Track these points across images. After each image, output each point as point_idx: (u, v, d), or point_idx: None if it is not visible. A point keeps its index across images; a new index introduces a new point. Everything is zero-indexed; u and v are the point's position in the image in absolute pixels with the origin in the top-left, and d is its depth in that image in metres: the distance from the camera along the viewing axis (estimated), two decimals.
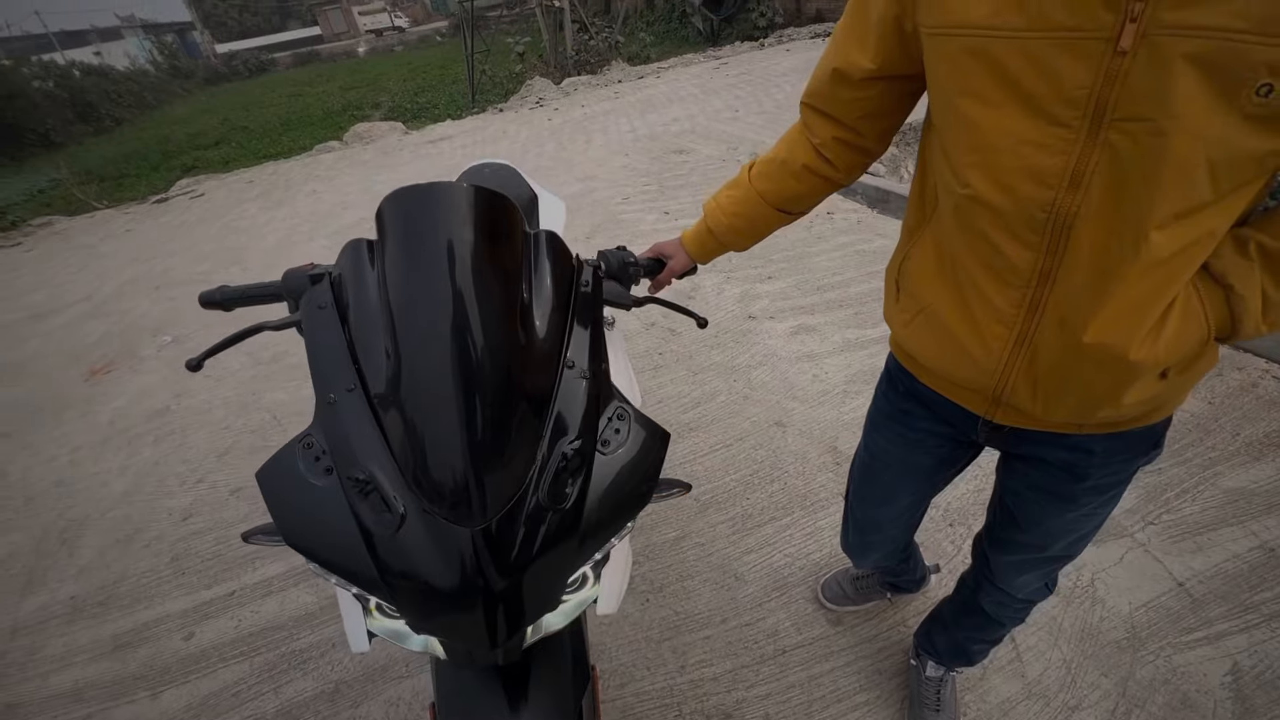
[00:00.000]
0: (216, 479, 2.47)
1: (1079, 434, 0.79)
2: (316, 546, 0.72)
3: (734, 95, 7.36)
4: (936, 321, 0.79)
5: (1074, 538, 0.92)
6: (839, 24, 0.81)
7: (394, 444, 0.70)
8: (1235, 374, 2.18)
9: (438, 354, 0.70)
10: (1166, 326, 0.64)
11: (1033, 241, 0.64)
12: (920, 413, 0.95)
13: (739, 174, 1.02)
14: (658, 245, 1.12)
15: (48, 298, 4.77)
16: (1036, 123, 0.60)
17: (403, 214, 0.76)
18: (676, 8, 19.59)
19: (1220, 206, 0.58)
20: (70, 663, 1.82)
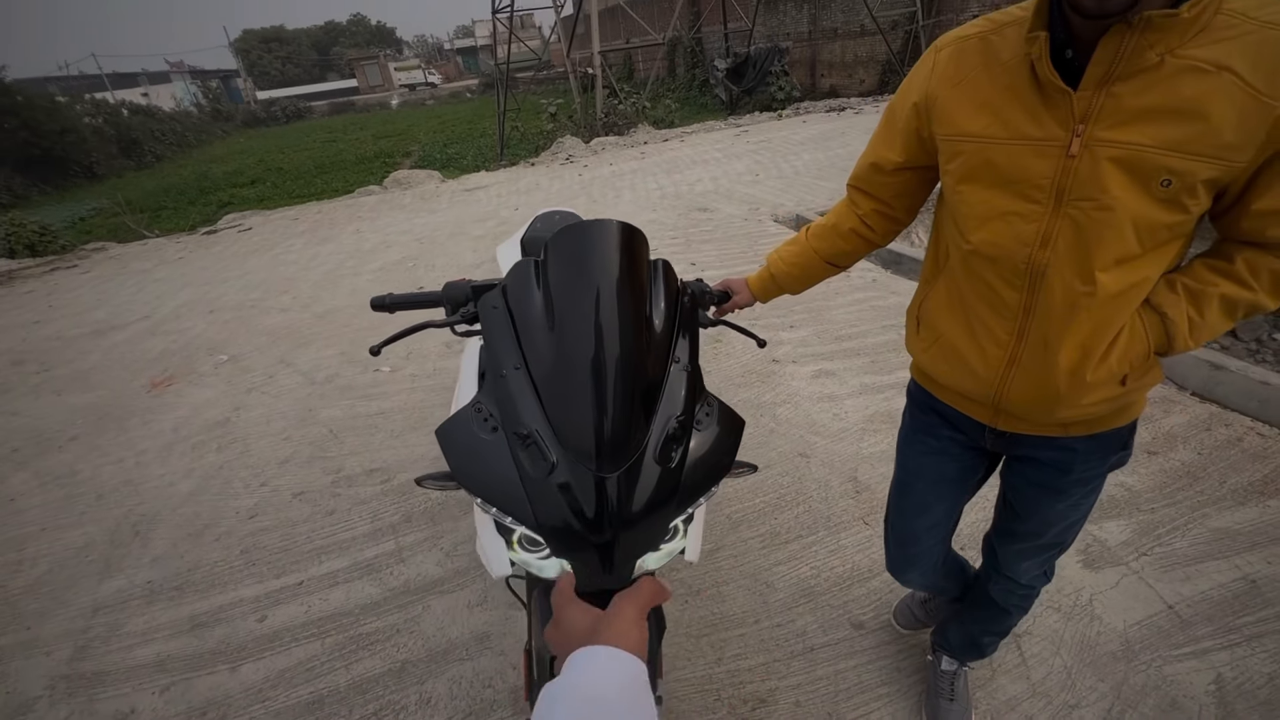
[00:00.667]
0: (279, 483, 2.68)
1: (1064, 436, 1.02)
2: (483, 486, 0.94)
3: (754, 160, 7.86)
4: (949, 346, 1.04)
5: (1064, 525, 1.13)
6: (876, 129, 1.11)
7: (549, 409, 0.93)
8: (1223, 429, 2.38)
9: (588, 343, 0.94)
10: (1115, 348, 0.88)
11: (1018, 284, 0.90)
12: (939, 424, 1.17)
13: (798, 234, 1.31)
14: (726, 281, 1.38)
15: (108, 315, 5.08)
16: (1017, 201, 0.87)
17: (570, 240, 1.02)
18: (699, 77, 20.77)
19: (1149, 258, 0.84)
20: (151, 639, 1.99)
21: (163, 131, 30.59)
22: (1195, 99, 0.73)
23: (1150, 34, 0.73)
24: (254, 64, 61.99)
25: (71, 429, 3.37)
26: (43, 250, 8.25)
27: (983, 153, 0.88)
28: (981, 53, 0.89)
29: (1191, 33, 0.73)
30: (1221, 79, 0.72)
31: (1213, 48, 0.72)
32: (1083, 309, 0.86)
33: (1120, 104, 0.77)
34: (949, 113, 0.92)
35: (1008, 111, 0.85)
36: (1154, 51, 0.74)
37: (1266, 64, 0.71)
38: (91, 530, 2.54)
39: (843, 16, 17.10)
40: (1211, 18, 0.72)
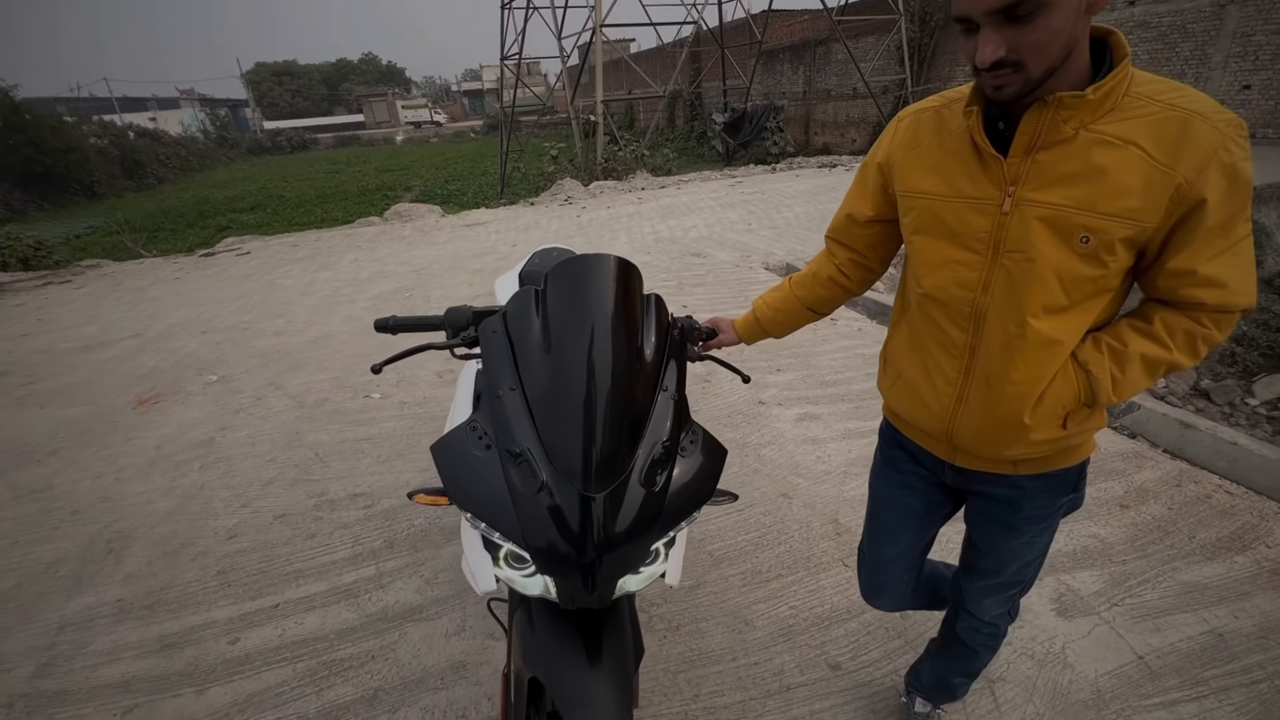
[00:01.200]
0: (261, 505, 2.66)
1: (1014, 474, 1.09)
2: (474, 502, 0.97)
3: (748, 210, 8.10)
4: (908, 384, 1.13)
5: (1021, 563, 1.18)
6: (851, 185, 1.22)
7: (541, 429, 0.98)
8: (1192, 486, 2.45)
9: (582, 369, 0.99)
10: (1049, 394, 0.96)
11: (963, 325, 1.00)
12: (904, 459, 1.25)
13: (782, 282, 1.40)
14: (714, 319, 1.45)
15: (99, 331, 5.07)
16: (961, 251, 0.98)
17: (569, 272, 1.09)
18: (698, 129, 21.49)
19: (1077, 310, 0.93)
20: (118, 658, 1.94)
21: (167, 155, 30.97)
22: (1106, 167, 0.84)
23: (1063, 111, 0.84)
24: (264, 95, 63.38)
25: (52, 443, 3.33)
26: (37, 265, 8.24)
27: (932, 208, 1.00)
28: (934, 123, 1.02)
29: (1102, 111, 0.84)
30: (1129, 151, 0.83)
31: (1121, 124, 0.84)
32: (1017, 351, 0.95)
33: (1044, 169, 0.88)
34: (905, 173, 1.05)
35: (952, 173, 0.97)
36: (1069, 125, 0.85)
37: (1168, 140, 0.82)
38: (64, 546, 2.50)
39: (836, 79, 17.92)
40: (1120, 99, 0.84)
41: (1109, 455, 2.66)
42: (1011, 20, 0.77)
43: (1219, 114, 0.82)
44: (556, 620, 1.06)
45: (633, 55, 29.07)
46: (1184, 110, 0.82)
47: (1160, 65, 10.33)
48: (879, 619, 1.88)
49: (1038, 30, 0.77)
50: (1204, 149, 0.81)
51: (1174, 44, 10.10)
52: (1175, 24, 10.01)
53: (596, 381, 0.99)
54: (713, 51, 20.60)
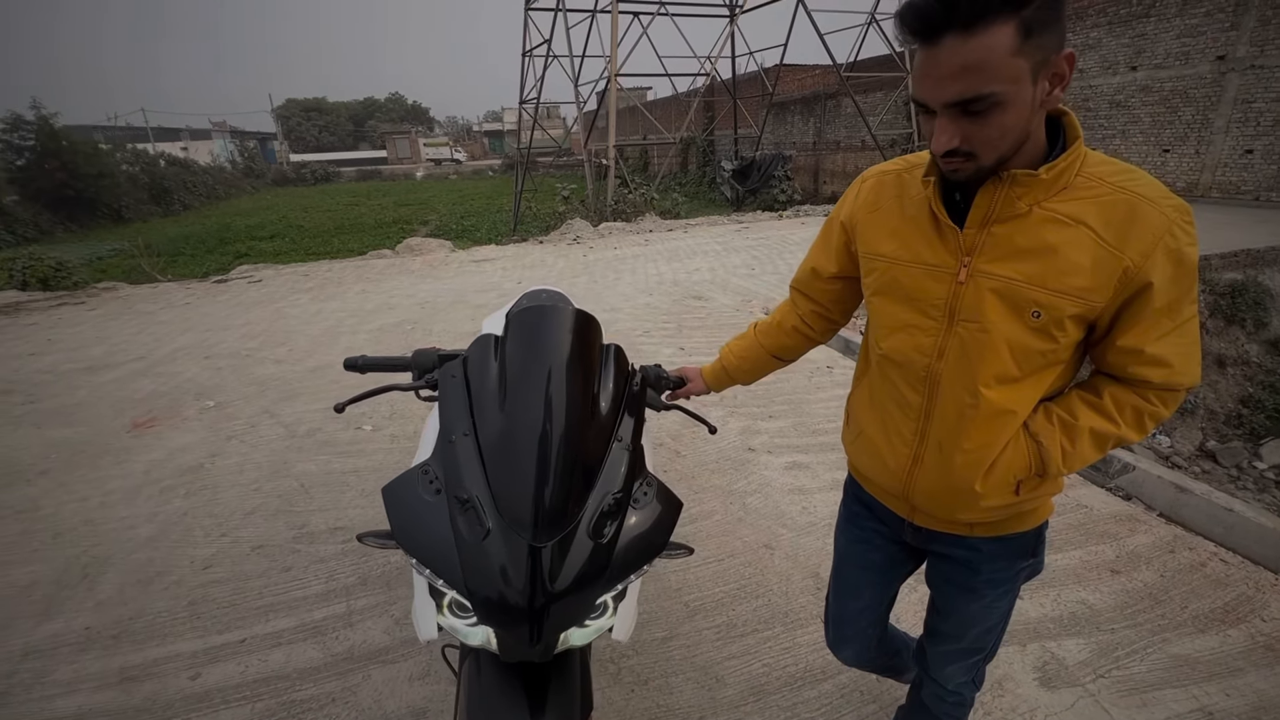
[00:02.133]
0: (240, 534, 2.64)
1: (970, 536, 1.09)
2: (420, 547, 0.97)
3: (752, 255, 8.21)
4: (868, 441, 1.13)
5: (982, 628, 1.16)
6: (815, 240, 1.23)
7: (491, 476, 0.98)
8: (1187, 553, 2.39)
9: (533, 419, 1.00)
10: (1000, 462, 0.96)
11: (918, 389, 1.01)
12: (866, 515, 1.24)
13: (747, 330, 1.41)
14: (683, 369, 1.46)
15: (104, 353, 5.15)
16: (918, 316, 0.99)
17: (526, 321, 1.11)
18: (707, 175, 21.96)
19: (1028, 382, 0.94)
20: (76, 689, 1.91)
21: (194, 183, 31.97)
22: (1057, 245, 0.85)
23: (1017, 188, 0.86)
24: (292, 129, 65.67)
25: (44, 463, 3.35)
26: (55, 285, 8.44)
27: (891, 271, 1.01)
28: (896, 186, 1.03)
29: (1055, 189, 0.86)
30: (1079, 230, 0.84)
31: (1073, 204, 0.85)
32: (969, 419, 0.96)
33: (998, 242, 0.89)
34: (866, 234, 1.06)
35: (911, 238, 0.98)
36: (1023, 202, 0.87)
37: (1116, 222, 0.83)
38: (40, 569, 2.48)
39: (845, 131, 18.36)
40: (1072, 179, 0.86)
41: (1101, 517, 2.61)
42: (966, 114, 0.78)
43: (1166, 199, 0.84)
44: (502, 672, 1.04)
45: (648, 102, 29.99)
46: (1133, 194, 0.84)
47: (1162, 129, 10.52)
48: (854, 681, 1.82)
49: (991, 126, 0.79)
50: (1151, 233, 0.82)
51: (1176, 109, 10.29)
52: (1177, 89, 10.23)
53: (549, 430, 0.99)
54: (725, 101, 21.24)
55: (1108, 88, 11.23)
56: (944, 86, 0.77)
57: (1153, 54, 10.49)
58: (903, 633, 1.50)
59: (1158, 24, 10.31)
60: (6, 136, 23.02)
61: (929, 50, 0.77)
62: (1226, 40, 9.51)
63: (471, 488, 0.97)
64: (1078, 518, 2.61)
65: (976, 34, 0.73)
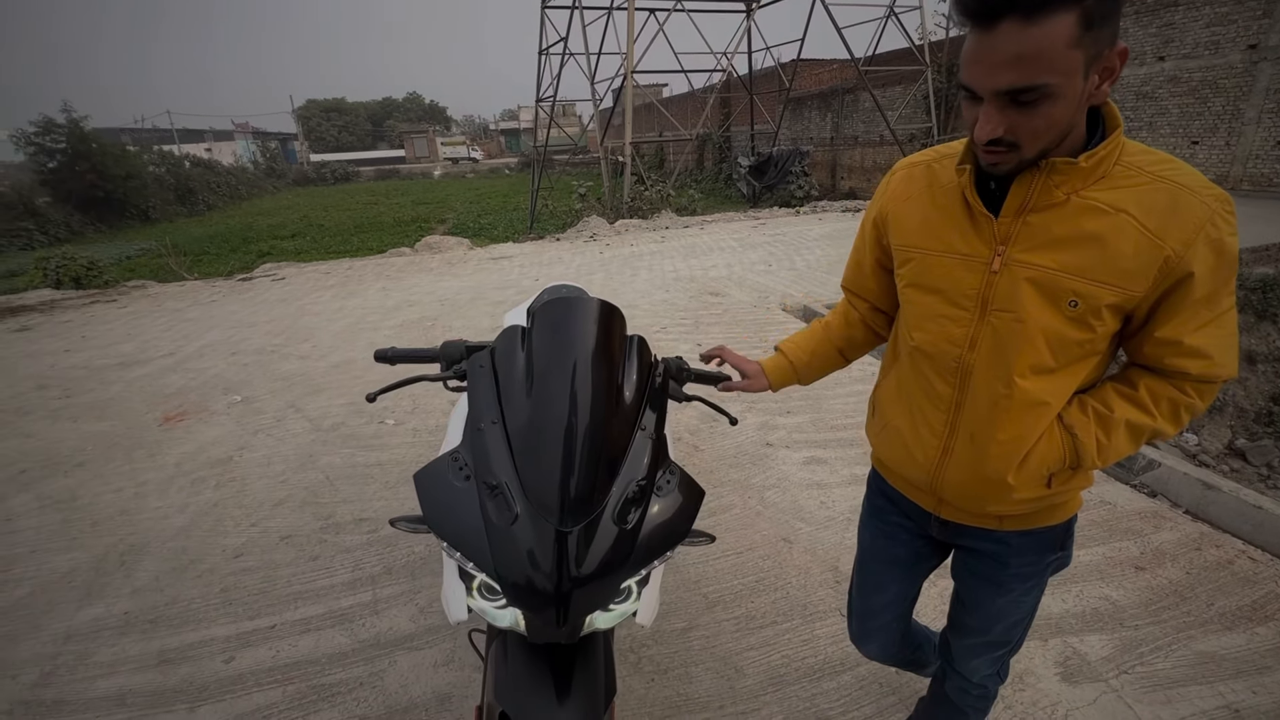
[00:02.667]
0: (269, 525, 2.71)
1: (999, 530, 1.08)
2: (451, 531, 1.00)
3: (768, 252, 8.18)
4: (895, 433, 1.12)
5: (1009, 623, 1.15)
6: (856, 238, 1.22)
7: (519, 463, 1.01)
8: (1214, 550, 2.36)
9: (560, 408, 1.02)
10: (1033, 455, 0.96)
11: (950, 380, 1.00)
12: (891, 509, 1.24)
13: (811, 326, 1.36)
14: (738, 361, 1.34)
15: (135, 349, 5.29)
16: (950, 306, 0.98)
17: (553, 312, 1.13)
18: (724, 171, 21.87)
19: (1064, 373, 0.93)
20: (117, 670, 1.98)
21: (218, 183, 32.60)
22: (1096, 234, 0.84)
23: (1056, 176, 0.85)
24: (312, 130, 66.57)
25: (80, 455, 3.46)
26: (87, 284, 8.68)
27: (924, 261, 1.01)
28: (926, 177, 1.02)
29: (1093, 178, 0.85)
30: (1119, 219, 0.84)
31: (1112, 192, 0.84)
32: (1002, 410, 0.95)
33: (1034, 232, 0.88)
34: (897, 226, 1.06)
35: (943, 229, 0.98)
36: (1061, 190, 0.86)
37: (1157, 211, 0.83)
38: (80, 556, 2.57)
39: (864, 126, 18.18)
40: (1111, 167, 0.85)
41: (1125, 514, 2.58)
42: (1015, 103, 0.77)
43: (1207, 189, 0.83)
44: (529, 654, 1.07)
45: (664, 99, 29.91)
46: (1173, 183, 0.83)
47: (1192, 120, 10.28)
48: (873, 673, 1.82)
49: (1038, 118, 0.78)
50: (1193, 222, 0.81)
51: (1205, 99, 10.05)
52: (1206, 80, 9.99)
53: (574, 419, 1.02)
54: (742, 97, 21.12)
55: (1134, 79, 10.99)
56: (997, 74, 0.75)
57: (1181, 44, 10.25)
58: (924, 627, 1.50)
59: (1186, 13, 10.07)
60: (39, 140, 23.62)
61: (984, 34, 0.74)
62: (1259, 28, 9.26)
63: (500, 474, 1.00)
64: (1101, 514, 2.58)
65: (1038, 22, 0.70)
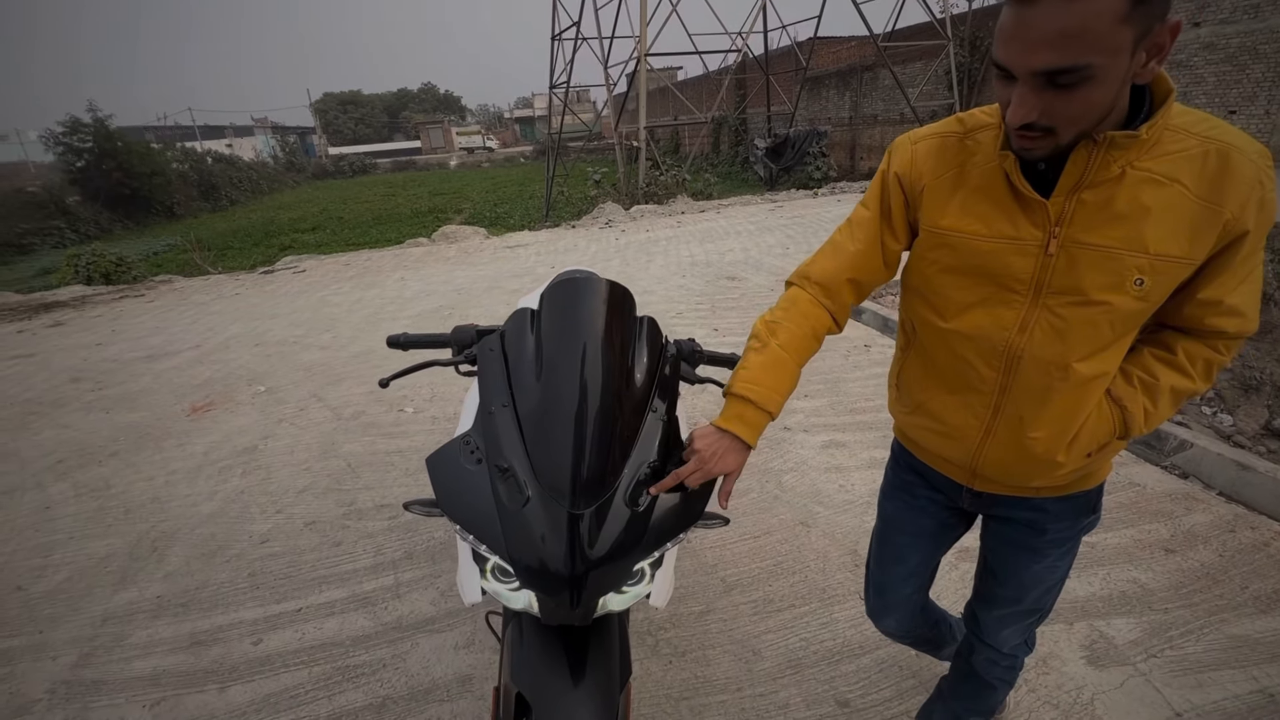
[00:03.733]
0: (294, 511, 2.77)
1: (1036, 497, 1.07)
2: (463, 515, 1.01)
3: (786, 235, 8.07)
4: (928, 414, 1.09)
5: (1042, 589, 1.15)
6: (856, 223, 1.09)
7: (529, 445, 1.01)
8: (1248, 532, 2.29)
9: (569, 389, 1.02)
10: (1084, 432, 0.95)
11: (995, 364, 0.96)
12: (919, 483, 1.22)
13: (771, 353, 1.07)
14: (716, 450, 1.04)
15: (164, 342, 5.42)
16: (1000, 290, 0.92)
17: (561, 294, 1.12)
18: (740, 154, 21.59)
19: (1117, 346, 0.92)
20: (151, 652, 2.05)
21: (240, 179, 33.08)
22: (1154, 206, 0.81)
23: (1114, 151, 0.80)
24: (330, 123, 67.13)
25: (114, 445, 3.56)
26: (117, 279, 8.90)
27: (967, 245, 0.93)
28: (958, 153, 0.94)
29: (1146, 148, 0.80)
30: (1174, 189, 0.80)
31: (1163, 160, 0.81)
32: (1057, 392, 0.93)
33: (1090, 210, 0.84)
34: (932, 205, 0.96)
35: (985, 212, 0.91)
36: (1116, 165, 0.81)
37: (1210, 175, 0.80)
38: (115, 542, 2.66)
39: (883, 104, 17.78)
40: (1160, 134, 0.81)
41: (1155, 495, 2.51)
42: (1052, 85, 0.72)
43: (1252, 145, 0.81)
44: (544, 636, 1.07)
45: (679, 82, 29.56)
46: (1222, 143, 0.80)
47: (1229, 88, 9.87)
48: (892, 656, 1.81)
49: (1076, 101, 0.73)
50: (1245, 184, 0.79)
51: (1244, 66, 9.64)
52: (1245, 45, 9.57)
53: (585, 400, 1.01)
54: (758, 78, 20.77)
55: None
56: (1035, 52, 0.70)
57: (1218, 8, 9.82)
58: (942, 609, 1.48)
59: None
60: (67, 140, 24.15)
61: (1024, 8, 0.69)
62: None
63: (511, 457, 1.00)
64: (1130, 496, 2.52)
65: None
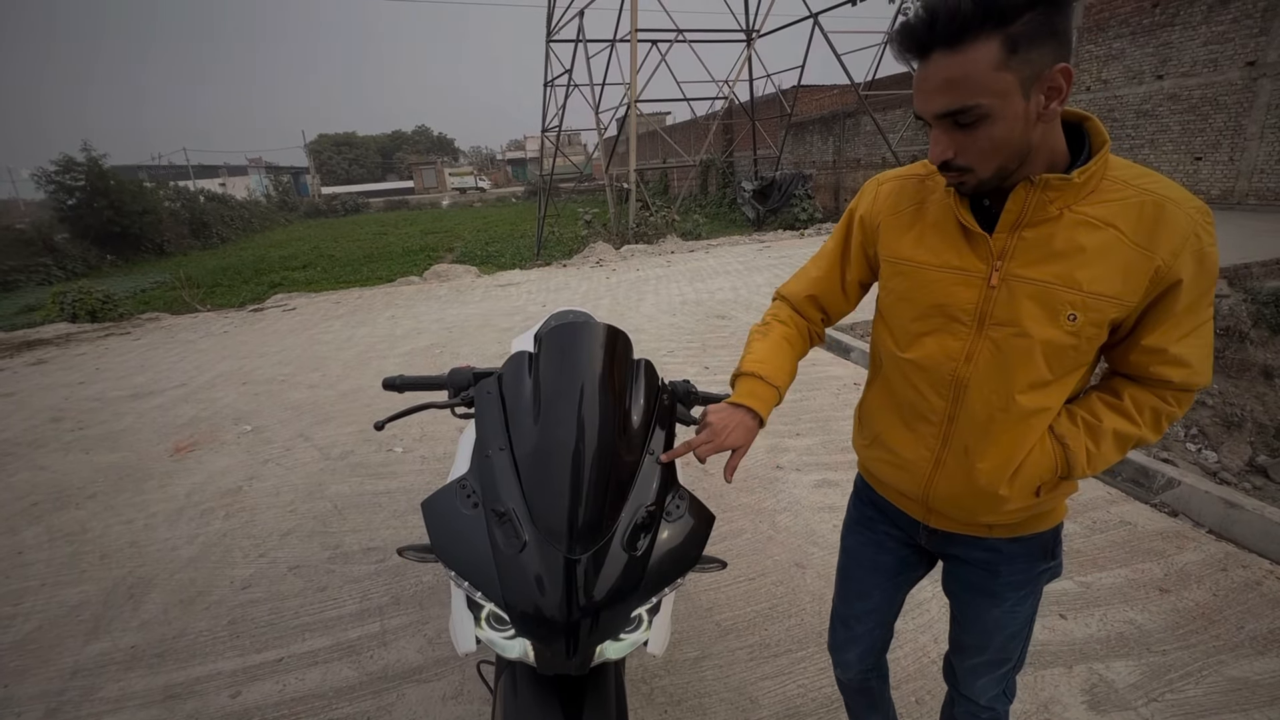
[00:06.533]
0: (278, 555, 2.70)
1: (989, 537, 1.08)
2: (458, 560, 0.99)
3: (774, 274, 8.21)
4: (884, 445, 1.12)
5: (1004, 636, 1.14)
6: (826, 249, 1.19)
7: (527, 489, 1.00)
8: (1240, 571, 2.29)
9: (567, 433, 1.02)
10: (1025, 466, 0.97)
11: (943, 394, 1.00)
12: (879, 518, 1.22)
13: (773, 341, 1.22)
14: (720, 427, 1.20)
15: (148, 380, 5.35)
16: (946, 321, 0.98)
17: (559, 337, 1.14)
18: (728, 195, 22.11)
19: (1058, 385, 0.95)
20: (122, 707, 1.96)
21: (231, 217, 33.23)
22: (1089, 247, 0.87)
23: (1050, 192, 0.87)
24: (324, 163, 68.07)
25: (92, 487, 3.47)
26: (103, 317, 8.82)
27: (918, 275, 1.00)
28: (917, 191, 1.03)
29: (1084, 193, 0.87)
30: (1109, 233, 0.86)
31: (1101, 207, 0.87)
32: (998, 423, 0.96)
33: (1030, 247, 0.90)
34: (888, 238, 1.06)
35: (936, 244, 0.99)
36: (1054, 206, 0.88)
37: (1146, 223, 0.86)
38: (89, 589, 2.57)
39: (865, 149, 18.36)
40: (1099, 183, 0.88)
41: (1146, 534, 2.52)
42: (957, 126, 0.82)
43: (1189, 201, 0.86)
44: (539, 686, 1.05)
45: (667, 127, 30.43)
46: (1159, 195, 0.86)
47: (1193, 136, 10.32)
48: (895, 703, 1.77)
49: (980, 139, 0.82)
50: (1179, 234, 0.84)
51: (1206, 115, 10.10)
52: (1206, 97, 10.05)
53: (582, 444, 1.01)
54: (744, 123, 21.44)
55: (1133, 97, 11.07)
56: (932, 99, 0.82)
57: (1179, 62, 10.34)
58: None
59: (1183, 32, 10.18)
60: (59, 178, 24.24)
61: (921, 66, 0.82)
62: (1256, 45, 9.34)
63: (508, 501, 0.99)
64: (1122, 535, 2.53)
65: (961, 49, 0.77)
